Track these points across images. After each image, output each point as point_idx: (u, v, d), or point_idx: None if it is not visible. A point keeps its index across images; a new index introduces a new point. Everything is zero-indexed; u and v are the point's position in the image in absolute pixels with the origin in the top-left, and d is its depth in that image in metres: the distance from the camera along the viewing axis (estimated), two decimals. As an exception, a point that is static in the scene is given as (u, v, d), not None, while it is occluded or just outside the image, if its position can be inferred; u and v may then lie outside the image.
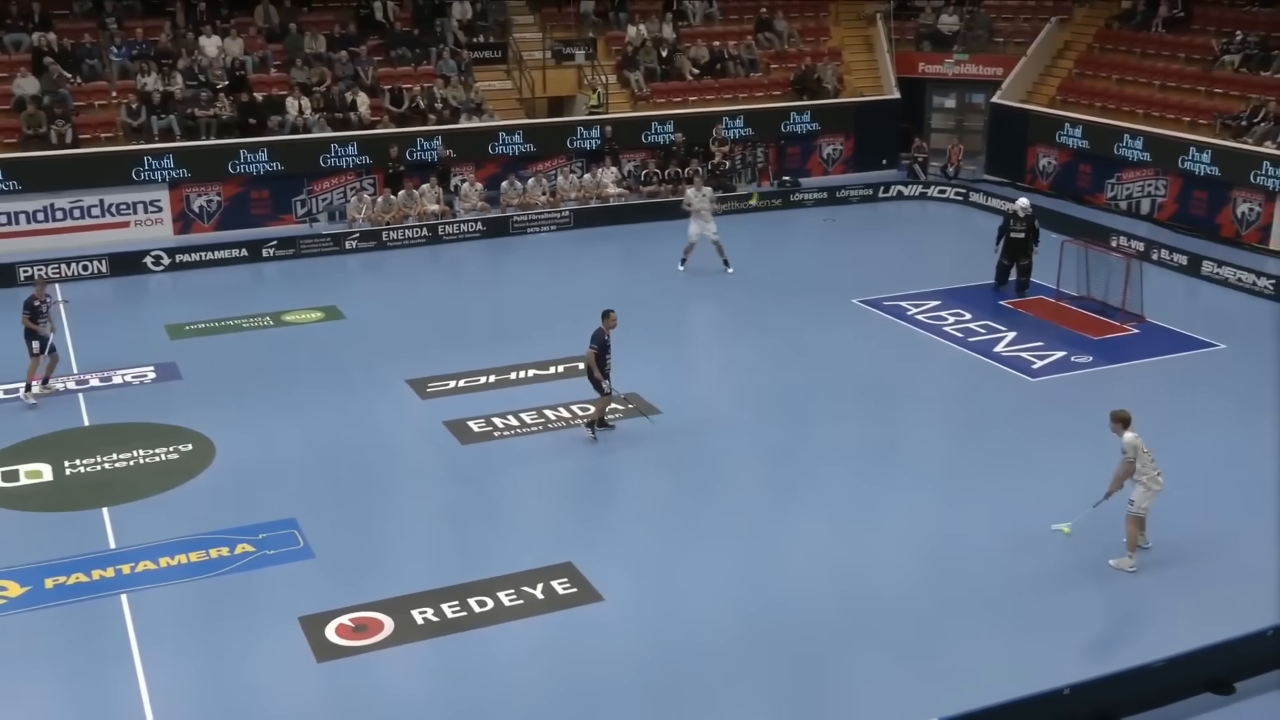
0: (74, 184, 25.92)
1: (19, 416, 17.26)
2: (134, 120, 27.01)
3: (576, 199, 29.10)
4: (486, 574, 12.92)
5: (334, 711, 10.90)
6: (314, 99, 28.44)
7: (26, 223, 25.68)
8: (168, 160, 26.48)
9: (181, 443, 16.36)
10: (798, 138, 32.45)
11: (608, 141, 30.12)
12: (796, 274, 24.67)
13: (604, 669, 11.49)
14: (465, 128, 29.30)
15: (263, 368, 19.40)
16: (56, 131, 26.13)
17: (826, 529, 14.15)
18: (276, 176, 27.36)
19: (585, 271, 25.11)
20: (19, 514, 14.50)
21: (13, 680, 11.26)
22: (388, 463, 16.08)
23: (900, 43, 34.37)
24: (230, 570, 13.10)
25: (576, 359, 19.13)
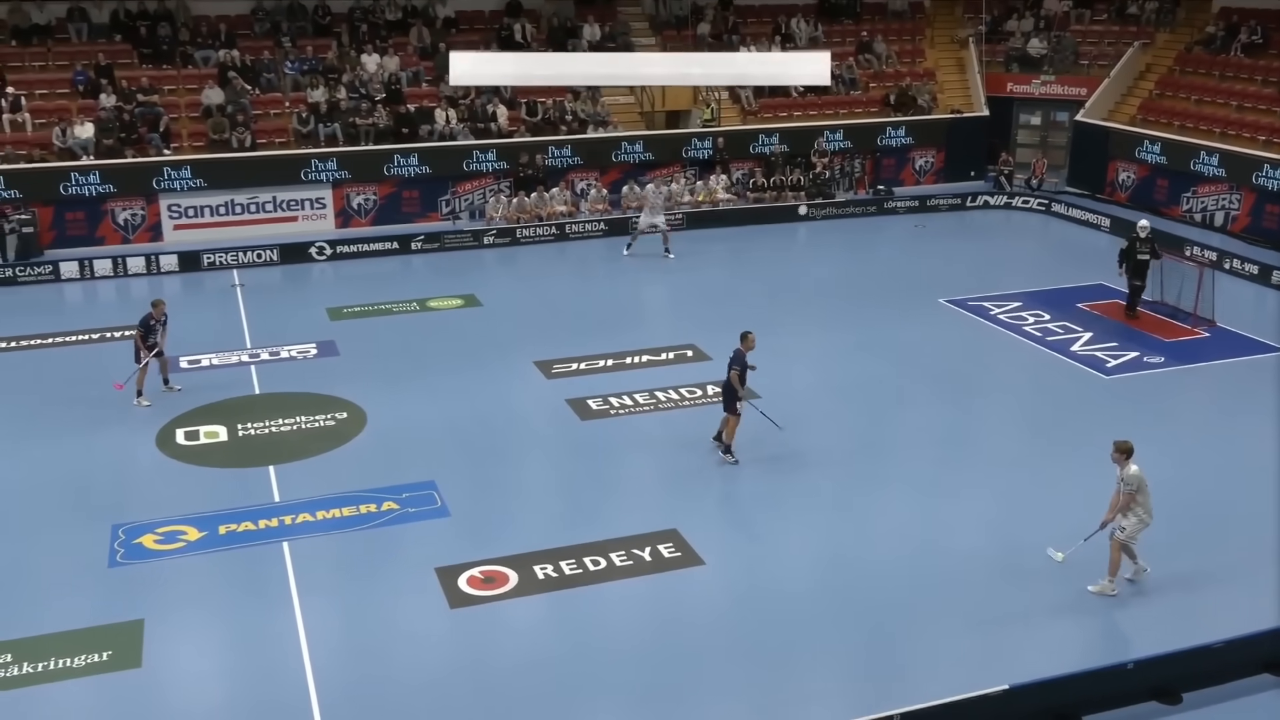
0: (251, 182, 26.61)
1: (200, 385, 17.80)
2: (303, 127, 27.66)
3: (689, 203, 29.02)
4: (600, 536, 12.98)
5: (464, 652, 11.07)
6: (459, 110, 28.81)
7: (210, 215, 26.47)
8: (331, 163, 27.05)
9: (338, 411, 16.72)
10: (893, 150, 31.91)
11: (719, 151, 29.96)
12: (887, 275, 24.29)
13: (702, 625, 11.47)
14: (592, 137, 29.41)
15: (409, 347, 19.74)
16: (237, 136, 26.87)
17: (906, 508, 13.92)
18: (425, 179, 27.76)
19: (695, 269, 25.03)
20: (199, 469, 14.97)
21: (191, 612, 11.66)
22: (516, 434, 16.25)
23: (990, 64, 33.55)
24: (377, 525, 13.37)
25: (685, 346, 19.19)
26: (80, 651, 10.78)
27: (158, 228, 26.16)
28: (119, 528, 13.16)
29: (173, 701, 10.33)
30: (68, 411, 16.79)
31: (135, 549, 12.75)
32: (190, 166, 26.05)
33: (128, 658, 10.74)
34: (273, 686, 10.43)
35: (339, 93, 28.48)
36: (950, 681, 10.04)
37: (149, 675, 10.57)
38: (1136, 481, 11.55)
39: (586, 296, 23.61)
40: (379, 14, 30.80)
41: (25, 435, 15.94)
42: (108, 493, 14.24)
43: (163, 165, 25.95)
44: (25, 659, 10.65)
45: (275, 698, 10.27)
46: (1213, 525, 12.77)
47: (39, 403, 17.19)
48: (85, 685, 10.42)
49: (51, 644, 10.87)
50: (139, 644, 10.92)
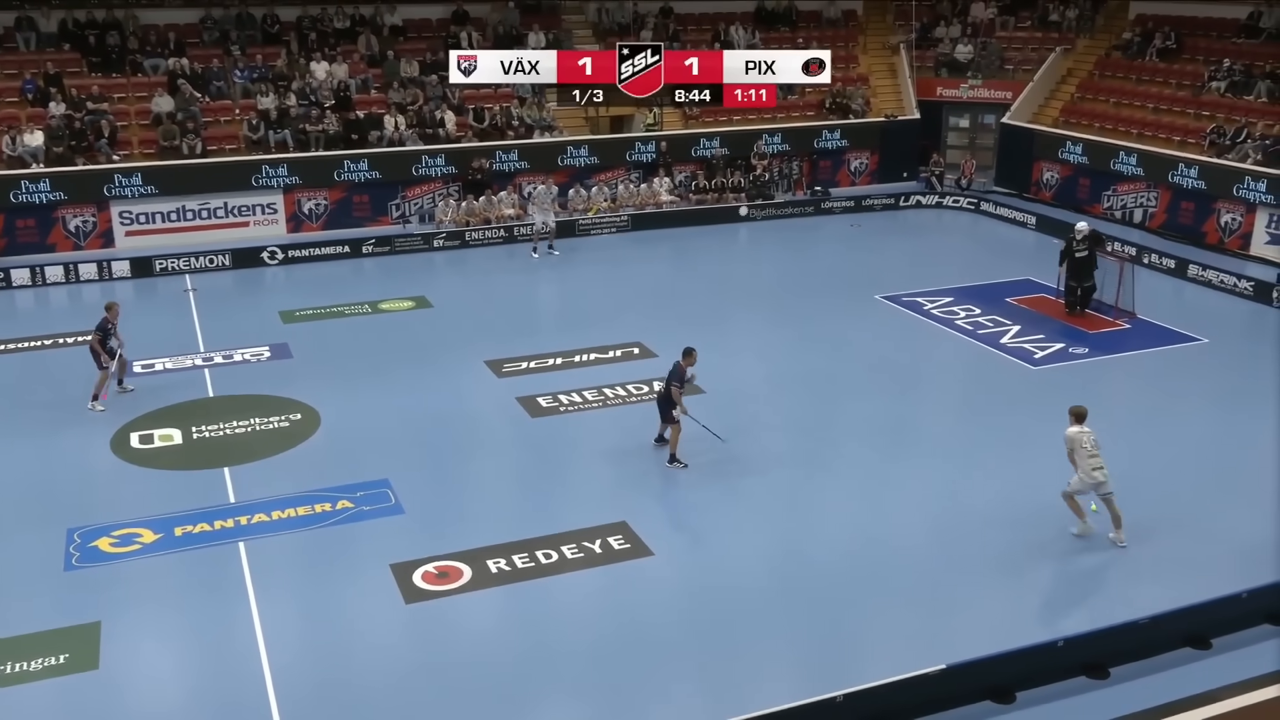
0: (202, 189, 26.17)
1: (154, 389, 17.49)
2: (254, 134, 27.25)
3: (634, 205, 29.01)
4: (552, 530, 12.93)
5: (420, 646, 10.98)
6: (408, 116, 28.55)
7: (161, 221, 26.01)
8: (282, 169, 26.69)
9: (291, 412, 16.51)
10: (829, 153, 32.13)
11: (662, 155, 29.99)
12: (825, 272, 24.47)
13: (653, 614, 11.47)
14: (538, 142, 29.29)
15: (362, 349, 19.53)
16: (188, 143, 26.41)
17: (847, 495, 14.04)
18: (375, 184, 27.49)
19: (640, 268, 25.04)
20: (153, 471, 14.70)
21: (148, 613, 11.45)
22: (468, 432, 16.14)
23: (920, 69, 33.91)
24: (332, 523, 13.22)
25: (631, 344, 19.18)
26: (37, 654, 10.54)
27: (109, 234, 25.64)
28: (74, 531, 12.89)
29: (131, 703, 10.14)
30: (21, 416, 16.41)
31: (91, 552, 12.49)
32: (141, 173, 25.56)
33: (85, 660, 10.52)
34: (231, 685, 10.26)
35: (289, 100, 28.10)
36: (892, 663, 10.12)
37: (106, 677, 10.36)
38: (1068, 442, 12.50)
39: (535, 297, 23.53)
40: (327, 22, 30.44)
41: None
42: (63, 496, 13.94)
43: (113, 172, 25.44)
44: (-19, 664, 10.39)
45: (234, 696, 10.10)
46: (1138, 506, 13.00)
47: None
48: (43, 688, 10.19)
49: (8, 647, 10.63)
50: (96, 646, 10.70)
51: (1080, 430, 12.52)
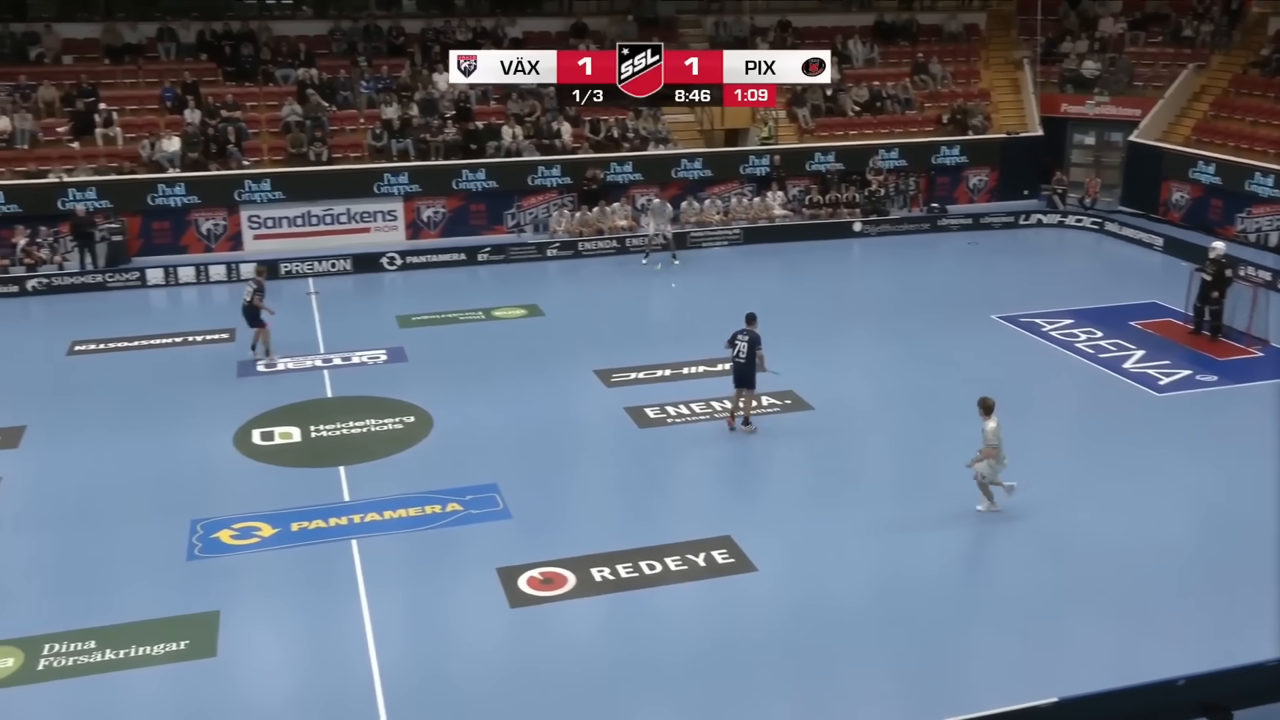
0: (326, 195, 27.01)
1: (276, 387, 18.08)
2: (377, 142, 28.02)
3: (746, 219, 28.95)
4: (656, 541, 12.95)
5: (523, 650, 11.09)
6: (525, 127, 29.02)
7: (288, 226, 26.89)
8: (403, 177, 27.36)
9: (406, 415, 16.87)
10: (947, 169, 31.59)
11: (776, 169, 29.87)
12: (940, 290, 24.03)
13: (754, 631, 11.39)
14: (652, 154, 29.46)
15: (474, 354, 19.88)
16: (314, 151, 27.29)
17: (954, 519, 13.71)
18: (492, 193, 27.98)
19: (751, 282, 24.95)
20: (273, 467, 15.18)
21: (264, 605, 11.82)
22: (576, 440, 16.29)
23: (1045, 85, 33.09)
24: (441, 525, 13.46)
25: (741, 358, 19.10)
26: (159, 640, 10.96)
27: (238, 237, 26.62)
28: (197, 522, 13.39)
29: (245, 692, 10.47)
30: (152, 411, 17.13)
31: (212, 543, 12.95)
32: (270, 179, 26.49)
33: (204, 647, 10.90)
34: (339, 679, 10.52)
35: (411, 110, 28.81)
36: (999, 693, 9.86)
37: (223, 665, 10.72)
38: (993, 435, 13.09)
39: (645, 308, 23.63)
40: (450, 35, 31.12)
41: (113, 433, 16.28)
42: (188, 488, 14.49)
43: (244, 178, 26.42)
44: (108, 646, 10.85)
45: (342, 690, 10.36)
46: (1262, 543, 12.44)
47: (126, 402, 17.55)
48: (163, 673, 10.59)
49: (132, 632, 11.07)
50: (214, 635, 11.08)
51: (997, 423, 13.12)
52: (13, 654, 10.70)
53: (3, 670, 10.49)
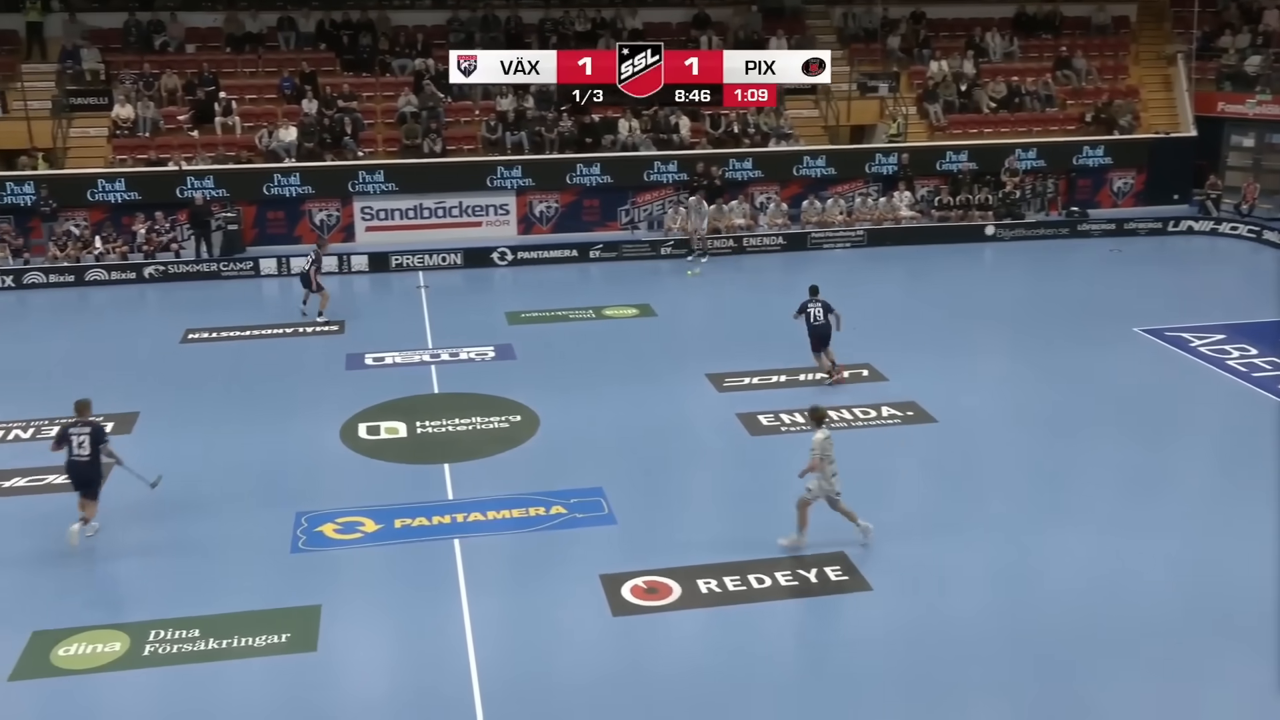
0: (439, 187, 27.56)
1: (384, 382, 18.51)
2: (491, 135, 28.48)
3: (871, 220, 28.57)
4: (766, 554, 12.85)
5: (624, 660, 11.12)
6: (643, 121, 29.15)
7: (400, 218, 27.53)
8: (516, 170, 27.75)
9: (512, 414, 17.09)
10: (1089, 171, 30.69)
11: (904, 168, 29.42)
12: (1078, 300, 23.34)
13: (864, 653, 11.21)
14: (773, 151, 29.30)
15: (584, 354, 20.04)
16: (429, 143, 27.88)
17: (1084, 545, 13.26)
18: (606, 188, 28.20)
19: (874, 287, 24.62)
20: (378, 462, 15.53)
21: (365, 600, 12.08)
22: (685, 446, 16.28)
23: (1200, 82, 31.92)
24: (544, 528, 13.58)
25: (860, 366, 18.88)
26: (261, 632, 11.30)
27: (351, 229, 27.35)
28: (302, 515, 13.77)
29: (345, 687, 10.72)
30: (261, 401, 17.71)
31: (316, 537, 13.31)
32: (383, 171, 27.15)
33: (305, 641, 11.20)
34: (438, 679, 10.70)
35: (527, 102, 29.19)
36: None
37: (323, 659, 10.99)
38: (819, 446, 12.55)
39: (761, 311, 23.46)
40: (569, 25, 31.47)
41: (223, 421, 16.86)
42: (293, 481, 14.93)
43: (358, 169, 27.14)
44: (211, 635, 11.23)
45: (440, 690, 10.53)
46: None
47: (236, 391, 18.18)
48: (264, 664, 10.91)
49: (235, 623, 11.43)
50: (315, 628, 11.37)
51: (827, 435, 12.66)
52: (119, 638, 11.15)
53: (109, 654, 10.93)
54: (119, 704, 10.43)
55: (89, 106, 28.09)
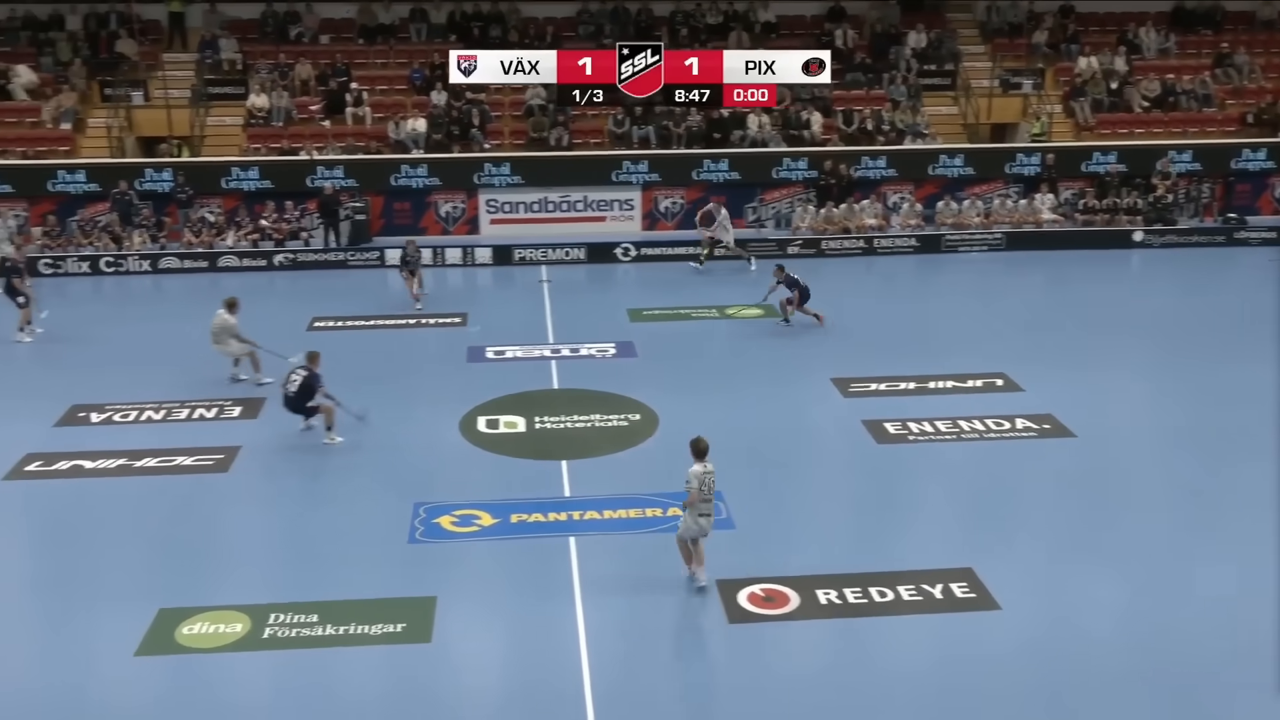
0: (564, 181, 27.86)
1: (504, 375, 18.80)
2: (618, 129, 28.68)
3: (1010, 223, 27.92)
4: (889, 567, 12.67)
5: (738, 668, 11.09)
6: (773, 116, 29.01)
7: (524, 212, 27.92)
8: (643, 165, 27.90)
9: (631, 412, 17.20)
10: (1249, 175, 29.44)
11: (1047, 169, 28.65)
12: (1233, 312, 22.42)
13: (991, 674, 10.95)
14: (908, 149, 28.85)
15: (705, 353, 20.05)
16: (555, 136, 28.22)
17: (1232, 570, 12.73)
18: (733, 185, 28.13)
19: (1012, 293, 24.06)
20: (496, 456, 15.79)
21: (480, 594, 12.31)
22: (807, 451, 16.17)
23: (1376, 82, 30.38)
24: (661, 529, 13.57)
25: (994, 375, 18.47)
26: (377, 620, 11.59)
27: (475, 221, 27.86)
28: (420, 506, 14.08)
29: (456, 679, 10.94)
30: (383, 390, 18.11)
31: (433, 528, 13.60)
32: (509, 164, 27.58)
33: (419, 632, 11.45)
34: (550, 676, 10.83)
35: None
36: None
37: (437, 651, 11.23)
38: (695, 479, 11.75)
39: (891, 314, 23.17)
40: (700, 18, 31.50)
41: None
42: (412, 471, 15.28)
43: (484, 161, 27.62)
44: (329, 621, 11.57)
45: (552, 688, 10.65)
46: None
47: (359, 380, 18.62)
48: (378, 653, 11.19)
49: (353, 610, 11.76)
50: (430, 620, 11.62)
51: (705, 469, 11.81)
52: (241, 620, 11.58)
53: (231, 635, 11.36)
54: (239, 684, 10.82)
55: (226, 96, 29.22)
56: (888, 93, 30.05)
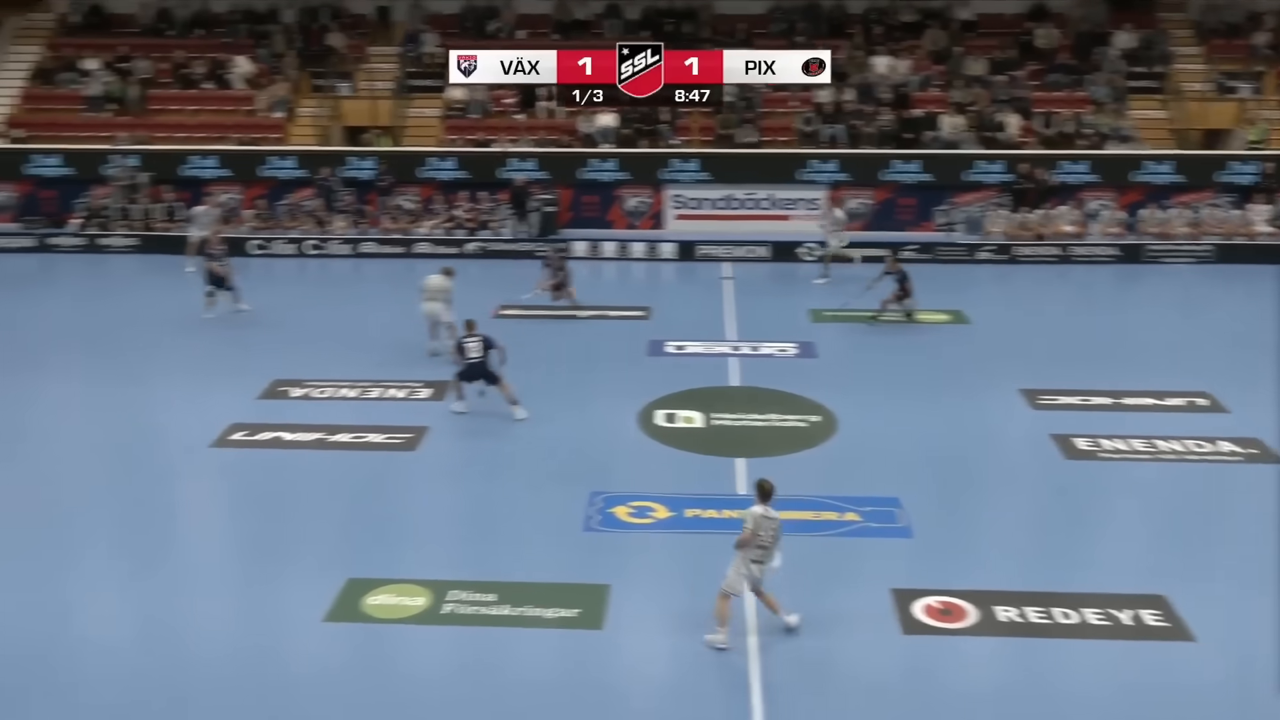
0: (750, 179, 27.78)
1: (683, 370, 18.90)
2: (807, 127, 28.42)
3: (1221, 234, 26.44)
4: (1074, 588, 12.17)
5: (911, 680, 10.85)
6: (968, 118, 28.24)
7: (709, 208, 27.96)
8: (831, 165, 27.57)
9: (810, 414, 17.02)
10: None
11: (1265, 178, 27.01)
12: None
13: (1179, 709, 10.39)
14: (1110, 154, 27.65)
15: (889, 357, 19.69)
16: (744, 133, 28.15)
17: None
18: (923, 187, 27.53)
19: (1220, 308, 22.80)
20: (672, 450, 15.86)
21: (652, 585, 12.39)
22: (990, 463, 15.70)
23: None
24: (835, 534, 13.44)
25: (1197, 394, 17.55)
26: (552, 604, 11.80)
27: (660, 216, 28.05)
28: (597, 495, 14.27)
29: (625, 668, 11.05)
30: (564, 380, 18.49)
31: (609, 518, 13.76)
32: (697, 160, 27.66)
33: (592, 618, 11.60)
34: (718, 672, 10.82)
35: (846, 94, 28.92)
36: None
37: (608, 639, 11.36)
38: (752, 520, 10.94)
39: (1087, 325, 22.25)
40: (895, 16, 30.92)
41: (529, 396, 17.64)
42: (590, 461, 15.49)
43: (671, 156, 27.77)
44: (506, 601, 11.84)
45: (719, 684, 10.65)
46: None
47: (541, 368, 19.06)
48: (551, 636, 11.39)
49: (529, 592, 12.00)
50: (603, 607, 11.76)
51: (766, 513, 10.94)
52: (422, 594, 11.96)
53: (413, 608, 11.75)
54: (417, 656, 11.18)
55: (426, 88, 30.22)
56: (1090, 95, 28.85)
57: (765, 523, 11.02)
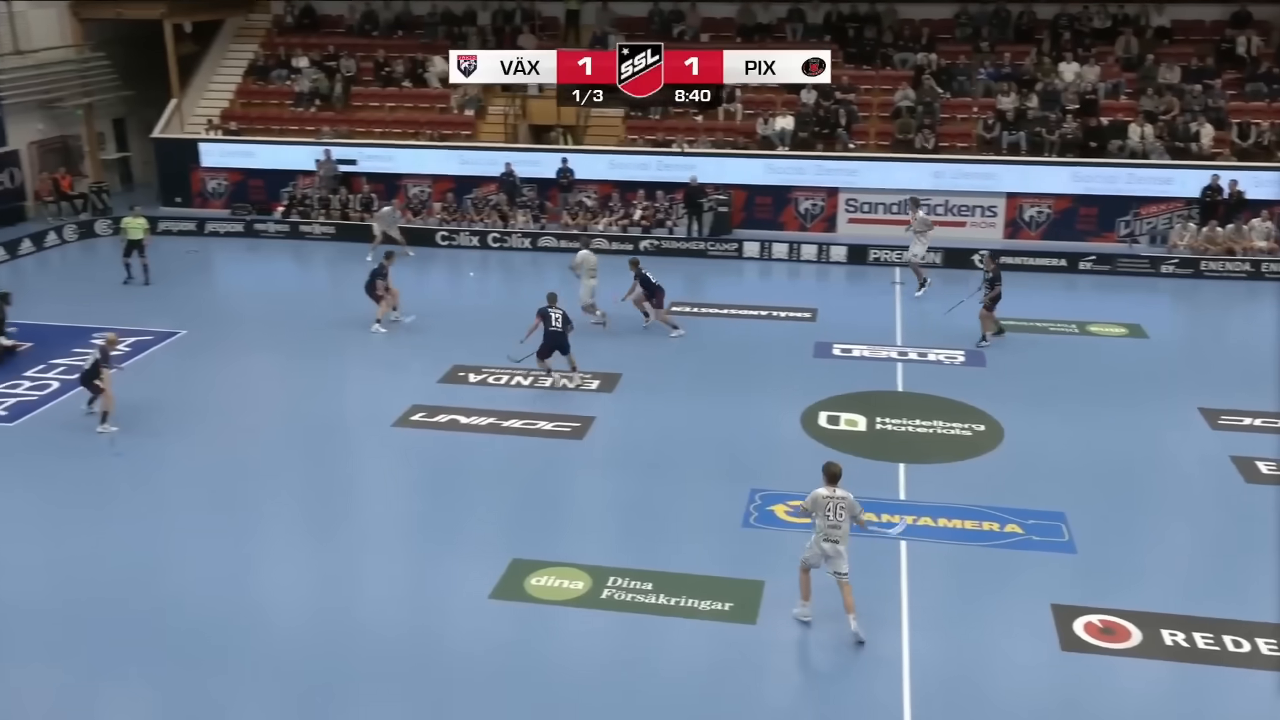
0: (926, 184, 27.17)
1: (849, 373, 18.68)
2: (988, 133, 27.65)
3: None
4: (1246, 616, 11.55)
5: (1068, 698, 10.50)
6: (1158, 127, 27.00)
7: (882, 212, 27.51)
8: (1010, 171, 26.75)
9: (975, 423, 16.62)
10: None
11: None
12: None
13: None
14: (1313, 167, 26.01)
15: (1061, 370, 19.03)
16: (922, 138, 27.59)
17: None
18: (1106, 197, 26.45)
19: None
20: (834, 452, 15.67)
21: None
22: (1164, 482, 15.03)
23: None
24: (996, 545, 13.11)
25: (1396, 422, 16.38)
26: (707, 597, 11.89)
27: (833, 219, 27.76)
28: (756, 492, 14.28)
29: (776, 664, 11.05)
30: (730, 377, 18.53)
31: (767, 515, 13.76)
32: (874, 164, 27.23)
33: (745, 613, 11.64)
34: (869, 676, 10.72)
35: (1030, 101, 28.03)
36: None
37: (761, 634, 11.37)
38: (810, 502, 11.23)
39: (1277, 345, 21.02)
40: (1086, 21, 29.80)
41: (695, 392, 17.87)
42: (752, 458, 15.51)
43: (847, 160, 27.43)
44: (662, 590, 11.99)
45: (869, 688, 10.55)
46: None
47: (708, 365, 19.17)
48: (704, 627, 11.48)
49: (685, 583, 12.12)
50: (757, 603, 11.78)
51: (831, 493, 11.11)
52: (583, 578, 12.21)
53: (573, 591, 12.01)
54: (575, 638, 11.43)
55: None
56: (1294, 105, 27.20)
57: (827, 501, 11.19)
